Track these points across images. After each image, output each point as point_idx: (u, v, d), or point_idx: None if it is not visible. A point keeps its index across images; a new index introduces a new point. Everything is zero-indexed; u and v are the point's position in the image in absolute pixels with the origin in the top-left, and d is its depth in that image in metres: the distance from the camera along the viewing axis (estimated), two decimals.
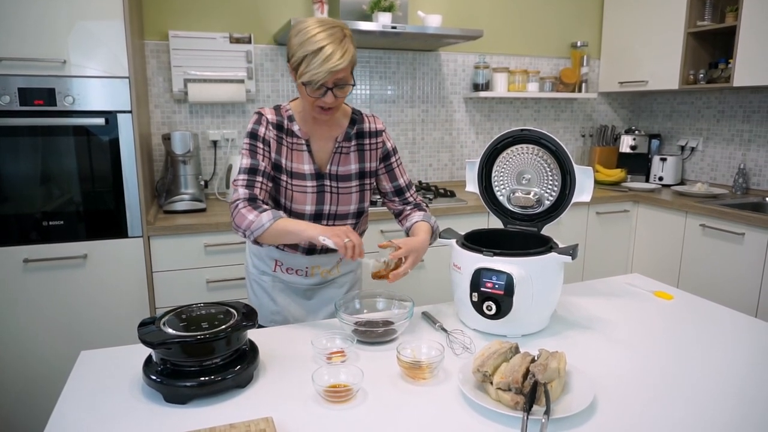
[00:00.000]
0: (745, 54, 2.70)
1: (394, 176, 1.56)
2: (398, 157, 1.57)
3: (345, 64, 1.27)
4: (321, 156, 1.46)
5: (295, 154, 1.44)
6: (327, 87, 1.30)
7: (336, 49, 1.25)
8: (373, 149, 1.51)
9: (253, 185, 1.38)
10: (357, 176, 1.49)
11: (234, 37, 2.71)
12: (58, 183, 2.03)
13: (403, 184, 1.57)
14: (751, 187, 3.10)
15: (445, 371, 1.13)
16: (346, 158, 1.48)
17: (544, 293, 1.28)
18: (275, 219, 1.31)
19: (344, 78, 1.31)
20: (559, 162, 1.43)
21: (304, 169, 1.44)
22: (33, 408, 2.10)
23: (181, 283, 2.23)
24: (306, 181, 1.44)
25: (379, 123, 1.53)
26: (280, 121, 1.43)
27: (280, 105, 1.47)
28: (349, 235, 1.27)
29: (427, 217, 1.53)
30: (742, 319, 1.42)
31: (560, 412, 0.94)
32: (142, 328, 1.05)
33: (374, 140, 1.52)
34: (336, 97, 1.32)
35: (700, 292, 2.48)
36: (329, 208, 1.47)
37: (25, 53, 1.90)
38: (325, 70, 1.25)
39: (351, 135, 1.48)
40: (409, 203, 1.58)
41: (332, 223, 1.49)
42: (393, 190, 1.57)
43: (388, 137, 1.55)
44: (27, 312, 2.04)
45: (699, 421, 0.96)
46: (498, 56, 3.33)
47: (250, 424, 0.90)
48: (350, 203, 1.49)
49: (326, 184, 1.46)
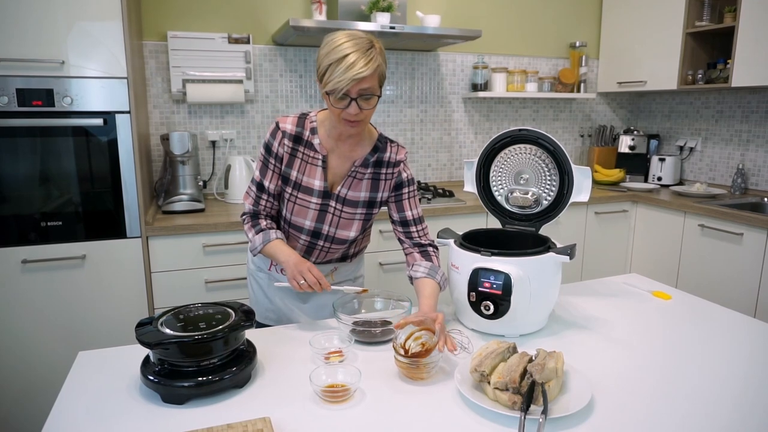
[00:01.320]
0: (744, 54, 2.70)
1: (401, 207, 1.48)
2: (412, 189, 1.48)
3: (369, 73, 1.23)
4: (334, 174, 1.43)
5: (309, 168, 1.41)
6: (351, 97, 1.25)
7: (360, 57, 1.22)
8: (388, 179, 1.46)
9: (259, 202, 1.46)
10: (365, 204, 1.46)
11: (233, 38, 2.71)
12: (56, 184, 2.02)
13: (410, 218, 1.47)
14: (750, 187, 3.10)
15: (443, 371, 1.13)
16: (358, 184, 1.44)
17: (542, 293, 1.28)
18: (264, 243, 1.41)
19: (370, 89, 1.26)
20: (557, 162, 1.43)
21: (313, 185, 1.41)
22: (31, 408, 2.10)
23: (180, 284, 2.23)
24: (312, 197, 1.42)
25: (401, 153, 1.46)
26: (299, 132, 1.40)
27: (307, 113, 1.43)
28: (305, 275, 1.31)
29: (432, 272, 1.40)
30: (741, 319, 1.42)
31: (558, 412, 0.94)
32: (139, 329, 1.05)
33: (391, 170, 1.45)
34: (360, 108, 1.27)
35: (699, 292, 2.49)
36: (329, 229, 1.46)
37: (24, 54, 1.90)
38: (348, 77, 1.21)
39: (369, 162, 1.43)
40: (412, 239, 1.48)
41: (329, 245, 1.48)
42: (399, 220, 1.48)
43: (405, 167, 1.47)
44: (25, 313, 2.04)
45: (697, 420, 0.96)
46: (497, 56, 3.33)
47: (247, 425, 0.90)
48: (350, 229, 1.46)
49: (331, 204, 1.44)
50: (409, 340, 1.17)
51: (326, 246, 1.49)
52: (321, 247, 1.49)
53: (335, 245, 1.49)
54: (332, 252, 1.51)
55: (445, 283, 1.42)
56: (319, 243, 1.48)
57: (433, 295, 1.35)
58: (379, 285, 1.42)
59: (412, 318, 1.21)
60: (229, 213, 2.41)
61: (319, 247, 1.49)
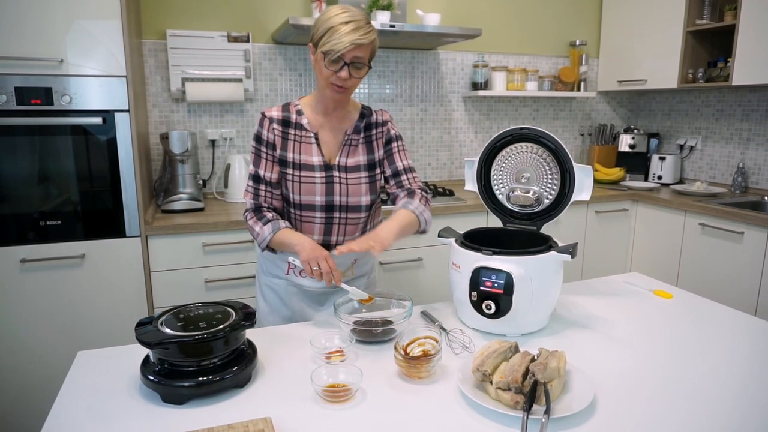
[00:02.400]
0: (744, 53, 2.70)
1: (392, 160, 1.55)
2: (401, 143, 1.57)
3: (367, 41, 1.31)
4: (330, 148, 1.48)
5: (304, 147, 1.46)
6: (345, 62, 1.32)
7: (362, 25, 1.31)
8: (379, 138, 1.53)
9: (258, 194, 1.47)
10: (366, 167, 1.50)
11: (232, 36, 2.70)
12: (55, 182, 2.02)
13: (401, 168, 1.54)
14: (750, 185, 3.10)
15: (445, 370, 1.13)
16: (355, 150, 1.49)
17: (544, 292, 1.28)
18: (274, 232, 1.40)
19: (363, 58, 1.34)
20: (558, 160, 1.42)
21: (312, 161, 1.45)
22: (30, 408, 2.10)
23: (180, 283, 2.22)
24: (315, 172, 1.45)
25: (386, 115, 1.56)
26: (286, 116, 1.46)
27: (290, 102, 1.49)
28: (321, 262, 1.31)
29: (407, 204, 1.47)
30: (742, 317, 1.42)
31: (560, 412, 0.94)
32: (139, 328, 1.05)
33: (380, 129, 1.53)
34: (351, 75, 1.34)
35: (699, 291, 2.48)
36: (340, 199, 1.47)
37: (22, 52, 1.89)
38: (349, 40, 1.28)
39: (360, 128, 1.50)
40: (403, 186, 1.54)
41: (345, 216, 1.49)
42: (391, 172, 1.55)
43: (392, 126, 1.56)
44: (24, 312, 2.03)
45: (699, 419, 0.95)
46: (497, 55, 3.33)
47: (248, 425, 0.90)
48: (360, 194, 1.49)
49: (335, 175, 1.46)
50: (413, 344, 1.16)
51: (343, 218, 1.49)
52: (338, 220, 1.49)
53: (351, 215, 1.50)
54: (351, 223, 1.51)
55: (423, 216, 1.46)
56: (335, 216, 1.48)
57: (397, 220, 1.40)
58: (380, 285, 1.42)
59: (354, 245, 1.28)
60: (228, 212, 2.40)
61: (336, 220, 1.49)
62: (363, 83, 3.05)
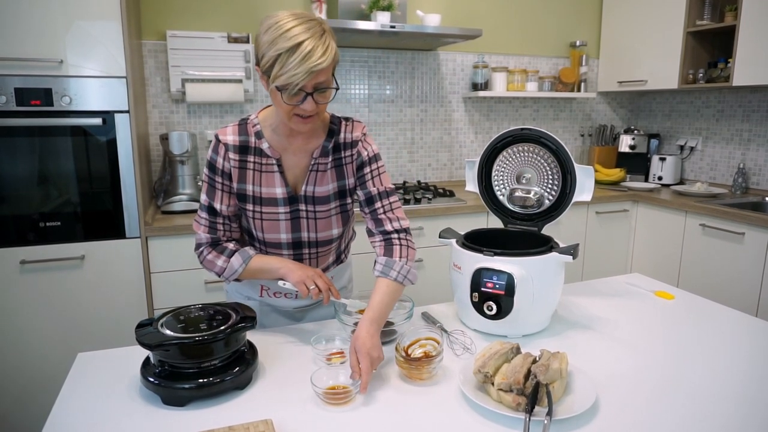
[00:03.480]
0: (745, 53, 2.69)
1: (365, 186, 1.31)
2: (375, 166, 1.31)
3: (327, 63, 1.08)
4: (295, 174, 1.28)
5: (265, 177, 1.26)
6: (306, 92, 1.10)
7: (317, 44, 1.06)
8: (349, 163, 1.30)
9: (215, 227, 1.29)
10: (336, 196, 1.31)
11: (232, 37, 2.70)
12: (55, 184, 2.01)
13: (374, 193, 1.31)
14: (751, 186, 3.10)
15: (446, 372, 1.12)
16: (323, 176, 1.29)
17: (545, 293, 1.27)
18: (246, 262, 1.26)
19: (326, 81, 1.12)
20: (559, 161, 1.42)
21: (275, 193, 1.27)
22: (30, 410, 2.09)
23: (180, 284, 2.22)
24: (278, 207, 1.28)
25: (356, 130, 1.31)
26: (243, 141, 1.25)
27: (247, 119, 1.27)
28: (317, 281, 1.21)
29: (387, 268, 1.24)
30: (743, 318, 1.42)
31: (562, 413, 0.93)
32: (139, 330, 1.04)
33: (350, 152, 1.30)
34: (317, 103, 1.13)
35: (700, 292, 2.48)
36: (308, 235, 1.32)
37: (22, 53, 1.89)
38: (305, 70, 1.05)
39: (328, 149, 1.28)
40: (377, 218, 1.31)
41: (315, 251, 1.35)
42: (364, 199, 1.32)
43: (365, 145, 1.31)
44: (24, 314, 2.03)
45: (701, 420, 0.95)
46: (497, 56, 3.32)
47: (249, 427, 0.89)
48: (331, 227, 1.33)
49: (301, 208, 1.29)
50: (414, 346, 1.16)
51: (313, 252, 1.36)
52: (309, 255, 1.36)
53: (322, 248, 1.36)
54: (323, 255, 1.39)
55: (407, 277, 1.25)
56: (304, 252, 1.35)
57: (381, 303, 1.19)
58: None
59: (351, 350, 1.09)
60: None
61: (306, 256, 1.35)
62: (363, 84, 3.05)
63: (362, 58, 3.03)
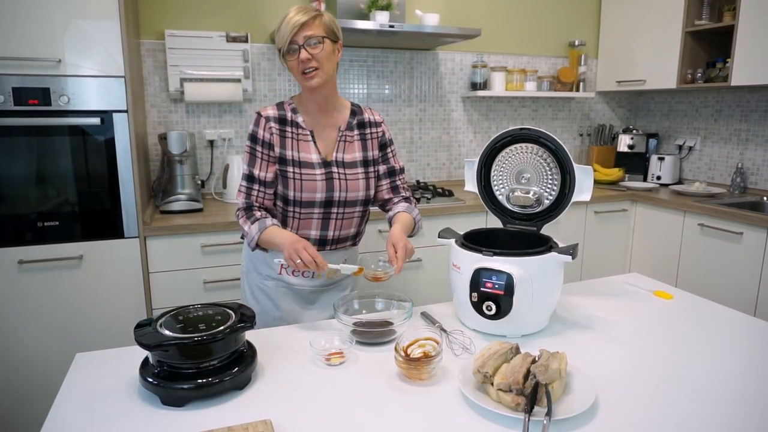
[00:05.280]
0: (743, 53, 2.70)
1: (387, 161, 1.61)
2: (394, 148, 1.64)
3: (307, 18, 1.36)
4: (326, 146, 1.51)
5: (302, 144, 1.48)
6: (298, 44, 1.36)
7: (299, 11, 1.37)
8: (374, 138, 1.58)
9: (250, 193, 1.48)
10: (362, 164, 1.54)
11: (231, 36, 2.69)
12: (53, 183, 2.01)
13: (397, 168, 1.63)
14: (749, 186, 3.10)
15: (445, 372, 1.12)
16: (351, 146, 1.53)
17: (544, 293, 1.27)
18: (261, 230, 1.42)
19: (315, 35, 1.37)
20: (558, 161, 1.42)
21: (311, 158, 1.48)
22: (28, 411, 2.09)
23: (178, 284, 2.22)
24: (315, 169, 1.47)
25: (376, 115, 1.60)
26: (282, 114, 1.48)
27: (282, 101, 1.52)
28: (301, 254, 1.31)
29: (409, 209, 1.57)
30: (741, 318, 1.42)
31: (562, 413, 0.93)
32: (138, 330, 1.04)
33: (374, 130, 1.58)
34: (311, 56, 1.37)
35: (699, 292, 2.48)
36: (339, 194, 1.50)
37: (20, 52, 1.88)
38: (288, 28, 1.35)
39: (353, 125, 1.54)
40: (396, 187, 1.62)
41: (342, 211, 1.52)
42: (386, 171, 1.61)
43: (386, 129, 1.61)
44: (22, 314, 2.02)
45: (700, 420, 0.95)
46: (496, 55, 3.32)
47: (248, 427, 0.89)
48: (358, 189, 1.53)
49: (334, 171, 1.49)
50: (413, 346, 1.16)
51: (340, 212, 1.52)
52: (336, 215, 1.52)
53: (348, 209, 1.53)
54: (347, 218, 1.54)
55: (420, 223, 1.58)
56: (333, 211, 1.51)
57: (405, 222, 1.49)
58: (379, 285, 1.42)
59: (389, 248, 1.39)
60: (227, 213, 2.39)
61: (333, 215, 1.52)
62: (362, 83, 3.05)
63: (361, 58, 3.02)
